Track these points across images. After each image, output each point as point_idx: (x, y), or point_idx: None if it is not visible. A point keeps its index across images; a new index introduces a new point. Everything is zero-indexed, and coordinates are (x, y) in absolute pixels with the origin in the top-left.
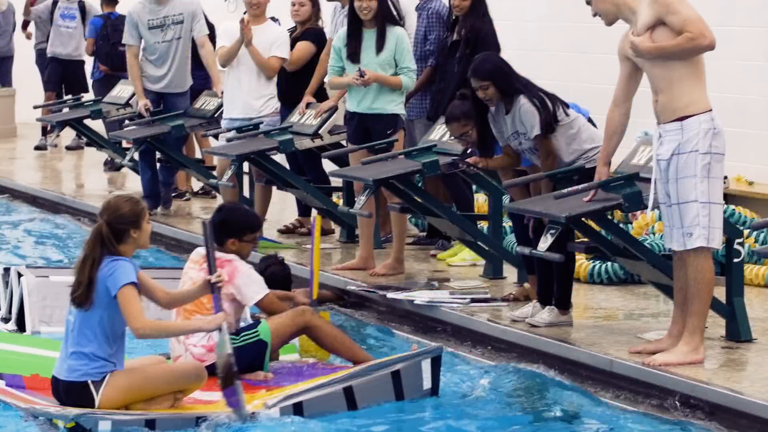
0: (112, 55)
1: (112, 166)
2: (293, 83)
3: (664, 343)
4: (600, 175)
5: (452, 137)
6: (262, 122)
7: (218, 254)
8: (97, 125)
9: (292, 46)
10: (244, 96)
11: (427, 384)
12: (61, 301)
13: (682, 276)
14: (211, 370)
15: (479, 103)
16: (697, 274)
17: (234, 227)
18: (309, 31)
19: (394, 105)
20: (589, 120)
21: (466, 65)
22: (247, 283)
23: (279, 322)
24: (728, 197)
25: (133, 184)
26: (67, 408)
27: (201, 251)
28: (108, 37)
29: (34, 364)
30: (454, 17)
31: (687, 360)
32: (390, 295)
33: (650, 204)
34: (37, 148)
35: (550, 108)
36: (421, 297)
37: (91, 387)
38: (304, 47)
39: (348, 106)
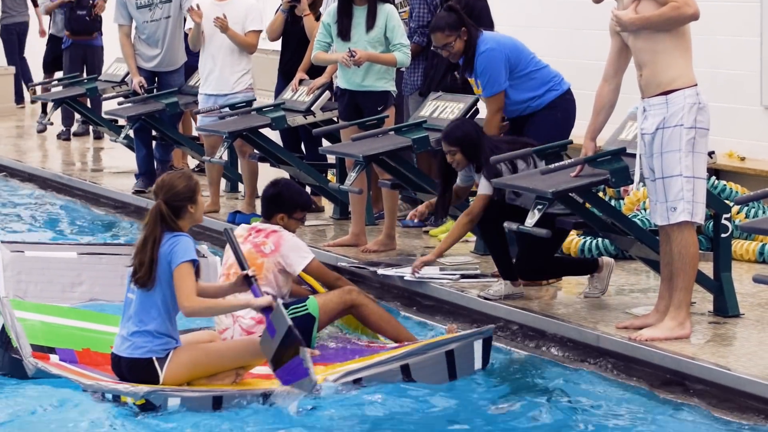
0: (71, 19)
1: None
2: (296, 59)
3: (651, 319)
4: (586, 149)
5: (435, 47)
6: (236, 99)
7: (264, 225)
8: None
9: (295, 21)
10: (218, 71)
11: (478, 364)
12: (35, 276)
13: (668, 251)
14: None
15: (447, 168)
16: (681, 248)
17: (287, 203)
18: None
19: (385, 82)
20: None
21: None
22: (292, 249)
23: (327, 299)
24: (720, 172)
25: (120, 162)
26: (137, 385)
27: (244, 227)
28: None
29: (85, 338)
30: None
31: (673, 335)
32: (380, 271)
33: (636, 179)
34: (39, 132)
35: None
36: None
37: (156, 364)
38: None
39: (339, 83)
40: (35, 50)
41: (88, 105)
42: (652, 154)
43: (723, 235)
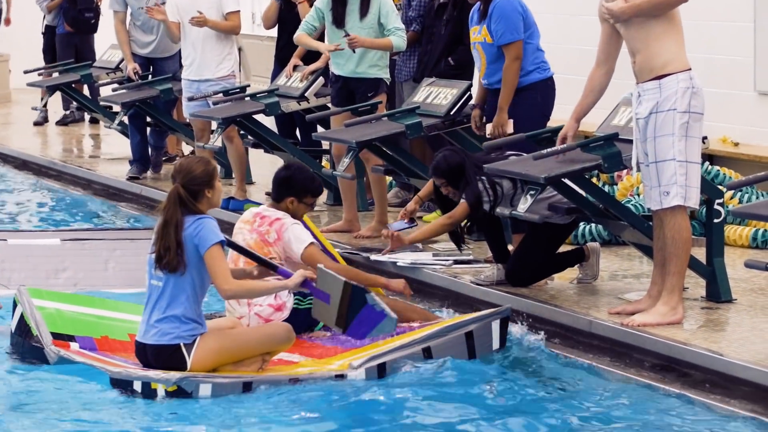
0: (78, 20)
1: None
2: (291, 46)
3: (644, 304)
4: (567, 128)
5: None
6: (219, 85)
7: (269, 211)
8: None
9: (290, 8)
10: (199, 57)
11: (496, 344)
12: (19, 263)
13: (661, 236)
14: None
15: (442, 197)
16: (674, 233)
17: (297, 187)
18: None
19: (377, 69)
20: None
21: (454, 28)
22: (293, 238)
23: None
24: (713, 158)
25: (115, 148)
26: (169, 372)
27: (251, 212)
28: (75, 1)
29: (102, 326)
30: None
31: (665, 320)
32: (373, 257)
33: (633, 164)
34: (36, 123)
35: (499, 197)
36: (404, 259)
37: (183, 350)
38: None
39: (333, 69)
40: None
41: (85, 92)
42: (646, 138)
43: (716, 221)
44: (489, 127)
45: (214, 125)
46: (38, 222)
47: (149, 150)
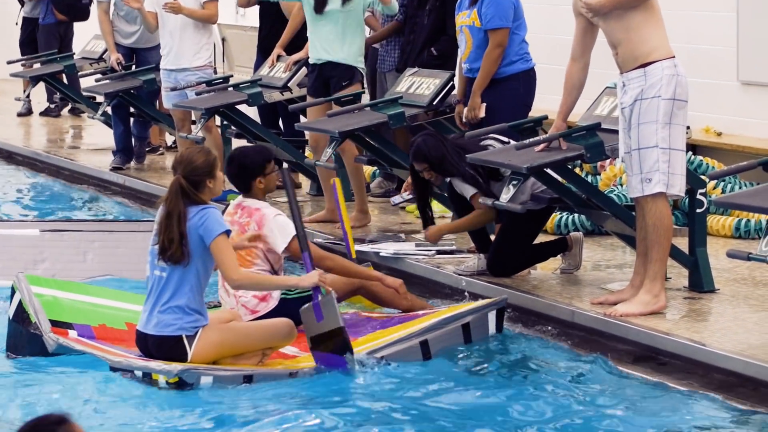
0: (75, 8)
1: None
2: (273, 35)
3: (626, 294)
4: (556, 129)
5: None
6: (195, 75)
7: (248, 202)
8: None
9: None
10: (176, 46)
11: (492, 330)
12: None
13: (643, 224)
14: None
15: (420, 181)
16: (655, 220)
17: (251, 167)
18: None
19: (353, 58)
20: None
21: (436, 17)
22: (274, 229)
23: (334, 280)
24: (696, 148)
25: (98, 139)
26: (171, 363)
27: (233, 205)
28: None
29: (100, 314)
30: None
31: (648, 309)
32: (356, 247)
33: (621, 154)
34: (20, 114)
35: (482, 184)
36: (387, 249)
37: (185, 341)
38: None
39: (310, 58)
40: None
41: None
42: (630, 126)
43: (698, 211)
44: (465, 111)
45: (194, 115)
46: (20, 212)
47: (132, 140)
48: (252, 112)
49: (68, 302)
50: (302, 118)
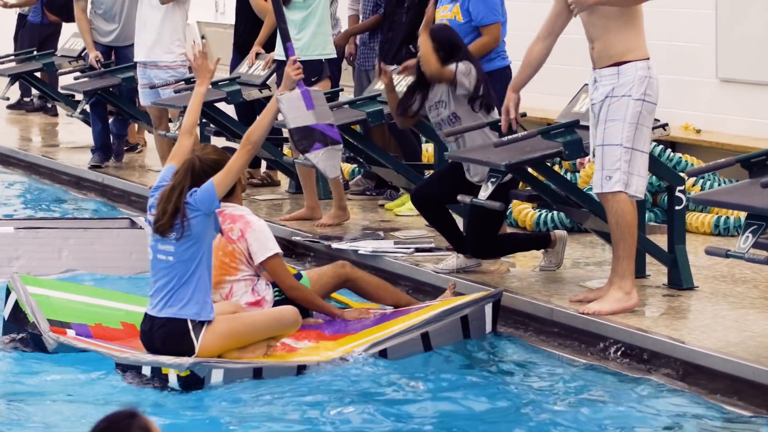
0: (68, 8)
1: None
2: (249, 33)
3: (604, 292)
4: (508, 100)
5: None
6: (169, 73)
7: (229, 209)
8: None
9: None
10: (147, 37)
11: (489, 327)
12: None
13: (609, 221)
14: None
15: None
16: (618, 218)
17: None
18: None
19: (321, 49)
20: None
21: (415, 15)
22: (257, 239)
23: (321, 272)
24: (676, 145)
25: (76, 137)
26: (180, 357)
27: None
28: None
29: (95, 313)
30: None
31: (620, 306)
32: (335, 245)
33: (591, 150)
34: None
35: (482, 86)
36: (365, 247)
37: (192, 333)
38: None
39: (276, 55)
40: None
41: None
42: (597, 122)
43: (677, 208)
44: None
45: (171, 114)
46: (8, 210)
47: (111, 138)
48: (230, 110)
49: (63, 302)
50: (280, 116)
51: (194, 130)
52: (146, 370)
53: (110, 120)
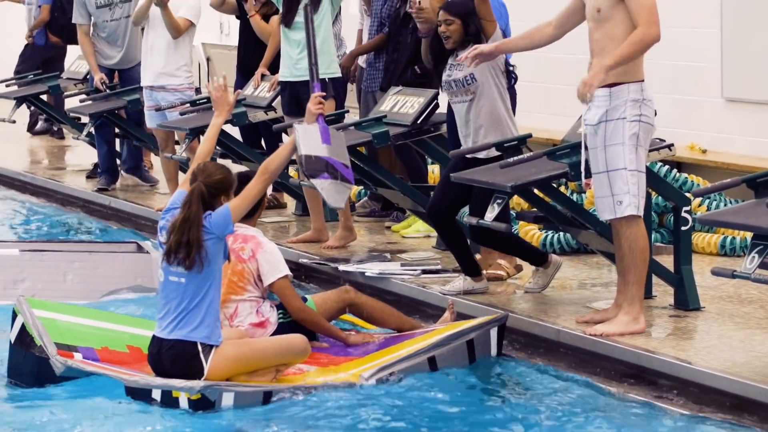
0: (69, 29)
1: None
2: (251, 55)
3: (611, 313)
4: (484, 46)
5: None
6: (175, 95)
7: (240, 229)
8: None
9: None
10: (155, 62)
11: (494, 351)
12: None
13: (619, 246)
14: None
15: (439, 45)
16: (630, 242)
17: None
18: None
19: (324, 69)
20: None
21: (420, 36)
22: (268, 260)
23: (325, 297)
24: (681, 165)
25: (83, 160)
26: (191, 380)
27: None
28: (64, 9)
29: (102, 336)
30: None
31: (627, 330)
32: (342, 267)
33: (582, 169)
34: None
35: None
36: (372, 269)
37: (201, 356)
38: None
39: (280, 76)
40: None
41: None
42: (596, 146)
43: (683, 228)
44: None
45: (178, 136)
46: (15, 233)
47: (117, 161)
48: (234, 132)
49: (69, 325)
50: (285, 137)
51: (208, 159)
52: (156, 394)
53: (124, 150)
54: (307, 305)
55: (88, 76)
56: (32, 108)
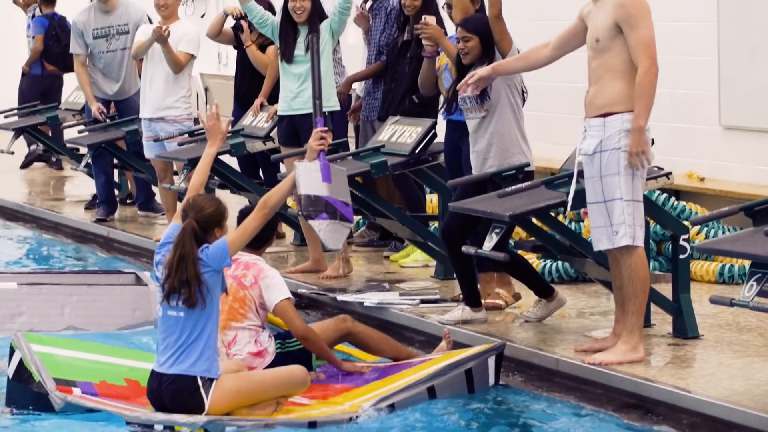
0: (65, 56)
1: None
2: (249, 85)
3: (609, 342)
4: (481, 70)
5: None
6: (175, 126)
7: (243, 258)
8: None
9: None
10: (154, 95)
11: (492, 380)
12: None
13: (618, 275)
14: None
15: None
16: (630, 272)
17: (276, 227)
18: None
19: (323, 101)
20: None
21: (417, 65)
22: (270, 285)
23: (323, 326)
24: (680, 193)
25: (81, 191)
26: (193, 415)
27: None
28: (59, 37)
29: (99, 370)
30: (404, 17)
31: (626, 359)
32: (340, 297)
33: (571, 194)
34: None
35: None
36: (370, 299)
37: (202, 390)
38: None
39: (279, 110)
40: None
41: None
42: (592, 176)
43: (681, 257)
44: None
45: (176, 166)
46: (14, 265)
47: (115, 191)
48: (232, 162)
49: (67, 359)
50: (282, 168)
51: (202, 189)
52: (158, 429)
53: (134, 186)
54: (309, 327)
55: (85, 107)
56: (32, 147)
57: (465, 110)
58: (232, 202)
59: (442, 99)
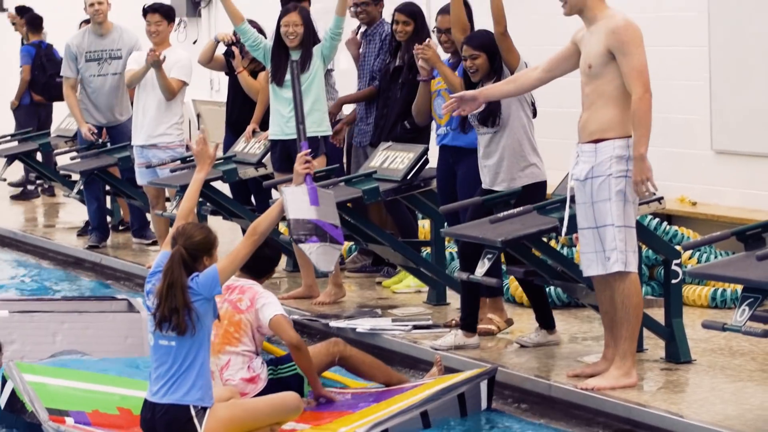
0: (49, 86)
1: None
2: (240, 111)
3: (601, 367)
4: (469, 92)
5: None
6: (167, 153)
7: (239, 282)
8: None
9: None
10: (147, 122)
11: (484, 404)
12: None
13: (606, 299)
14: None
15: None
16: (624, 298)
17: (277, 259)
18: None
19: (316, 127)
20: None
21: (409, 90)
22: (265, 303)
23: (315, 351)
24: (671, 218)
25: (74, 217)
26: None
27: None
28: (44, 67)
29: (91, 399)
30: (395, 42)
31: (619, 384)
32: (333, 323)
33: (565, 220)
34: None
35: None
36: (363, 324)
37: (195, 420)
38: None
39: (270, 134)
40: None
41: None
42: (584, 202)
43: (674, 281)
44: None
45: (168, 193)
46: (6, 292)
47: (108, 218)
48: (224, 189)
49: (60, 389)
50: (275, 194)
51: (191, 216)
52: None
53: (127, 213)
54: (304, 343)
55: (77, 134)
56: (27, 184)
57: (475, 126)
58: (224, 228)
59: (434, 124)
